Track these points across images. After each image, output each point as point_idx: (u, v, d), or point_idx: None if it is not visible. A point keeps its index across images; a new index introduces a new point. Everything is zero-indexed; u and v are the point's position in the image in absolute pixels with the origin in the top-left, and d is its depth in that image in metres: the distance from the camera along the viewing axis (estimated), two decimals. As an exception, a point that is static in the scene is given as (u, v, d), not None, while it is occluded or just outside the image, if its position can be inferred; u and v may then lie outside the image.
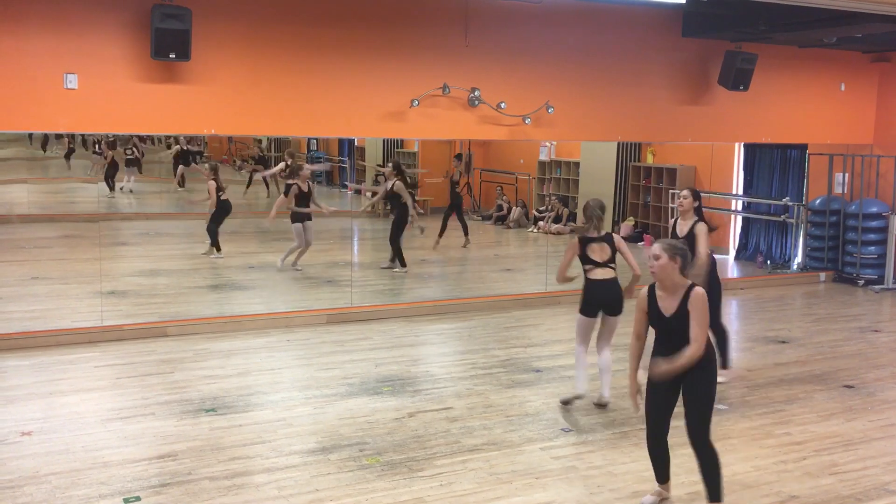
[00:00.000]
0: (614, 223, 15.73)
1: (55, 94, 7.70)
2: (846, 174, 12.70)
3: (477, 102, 9.49)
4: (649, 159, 15.84)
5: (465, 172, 18.24)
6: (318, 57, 8.73)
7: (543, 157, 17.68)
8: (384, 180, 12.45)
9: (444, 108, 9.41)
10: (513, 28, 9.63)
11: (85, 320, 8.65)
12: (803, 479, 5.36)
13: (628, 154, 16.14)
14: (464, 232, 14.37)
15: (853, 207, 12.34)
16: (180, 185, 17.94)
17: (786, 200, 12.93)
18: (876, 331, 9.54)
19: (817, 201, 12.80)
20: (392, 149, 18.06)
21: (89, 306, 9.26)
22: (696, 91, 10.97)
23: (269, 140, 21.78)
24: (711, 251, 7.04)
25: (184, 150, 17.11)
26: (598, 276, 6.41)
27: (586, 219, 6.49)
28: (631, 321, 4.88)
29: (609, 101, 10.37)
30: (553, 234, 15.72)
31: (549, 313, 9.91)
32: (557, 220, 16.31)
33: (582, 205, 6.78)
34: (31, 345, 8.01)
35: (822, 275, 12.59)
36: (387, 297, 10.65)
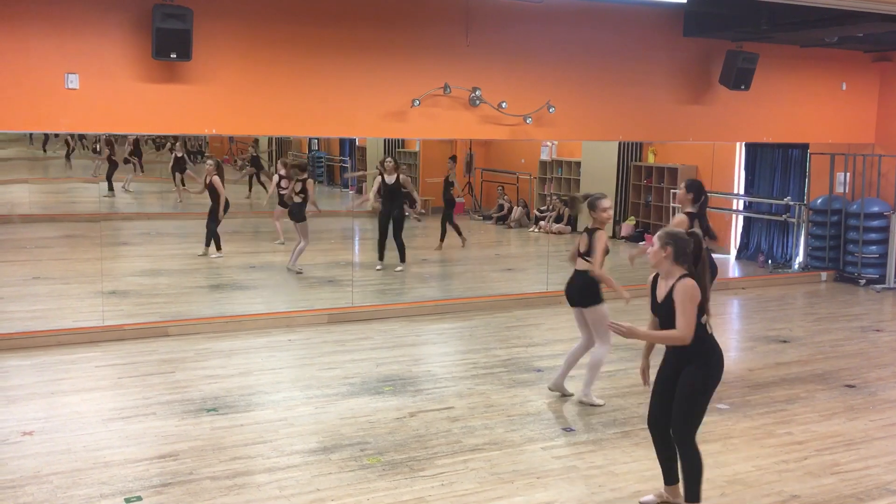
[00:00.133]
0: (615, 223, 15.74)
1: (56, 94, 7.70)
2: (847, 174, 12.69)
3: (478, 102, 9.49)
4: (650, 159, 15.83)
5: (466, 173, 18.22)
6: (319, 57, 8.73)
7: (545, 156, 17.67)
8: (382, 172, 12.27)
9: (445, 108, 9.41)
10: (514, 28, 9.63)
11: (86, 320, 8.65)
12: (805, 479, 5.36)
13: (629, 154, 16.13)
14: (451, 233, 13.95)
15: (855, 207, 12.33)
16: (181, 184, 17.92)
17: (787, 200, 12.93)
18: (877, 330, 9.54)
19: (819, 201, 12.79)
20: (393, 149, 18.04)
21: (90, 306, 9.26)
22: (697, 90, 10.97)
23: (270, 140, 21.79)
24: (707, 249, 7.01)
25: (178, 157, 17.17)
26: (576, 266, 6.71)
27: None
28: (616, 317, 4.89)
29: (610, 100, 10.37)
30: (554, 233, 15.70)
31: (551, 313, 9.90)
32: (559, 219, 16.30)
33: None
34: (32, 345, 8.02)
35: (824, 274, 12.58)
36: (388, 297, 10.64)
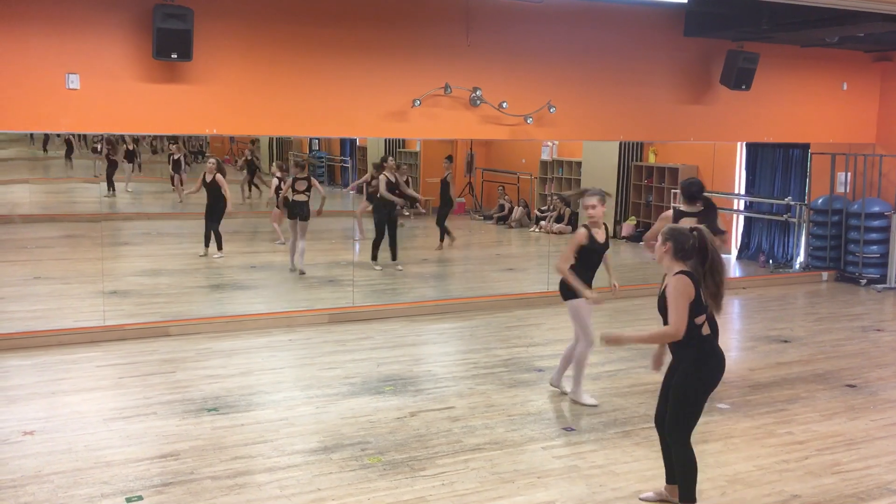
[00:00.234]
0: (616, 223, 15.74)
1: (57, 94, 7.70)
2: (848, 173, 12.69)
3: (479, 102, 9.49)
4: (651, 159, 15.83)
5: (466, 173, 18.22)
6: (320, 56, 8.72)
7: (545, 156, 17.69)
8: (377, 174, 12.26)
9: (445, 108, 9.41)
10: (514, 27, 9.63)
11: (87, 320, 8.66)
12: (805, 479, 5.35)
13: (630, 153, 16.13)
14: (440, 236, 14.03)
15: (855, 207, 12.32)
16: (180, 184, 17.95)
17: (788, 200, 12.93)
18: (878, 330, 9.53)
19: (819, 200, 12.79)
20: (394, 149, 18.06)
21: (91, 306, 9.27)
22: (697, 90, 10.97)
23: (270, 140, 21.79)
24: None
25: (174, 159, 17.31)
26: None
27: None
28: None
29: (611, 100, 10.37)
30: (555, 233, 15.70)
31: (551, 313, 9.89)
32: (559, 219, 16.30)
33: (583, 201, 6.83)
34: (33, 344, 8.02)
35: (825, 274, 12.58)
36: (388, 297, 10.65)
